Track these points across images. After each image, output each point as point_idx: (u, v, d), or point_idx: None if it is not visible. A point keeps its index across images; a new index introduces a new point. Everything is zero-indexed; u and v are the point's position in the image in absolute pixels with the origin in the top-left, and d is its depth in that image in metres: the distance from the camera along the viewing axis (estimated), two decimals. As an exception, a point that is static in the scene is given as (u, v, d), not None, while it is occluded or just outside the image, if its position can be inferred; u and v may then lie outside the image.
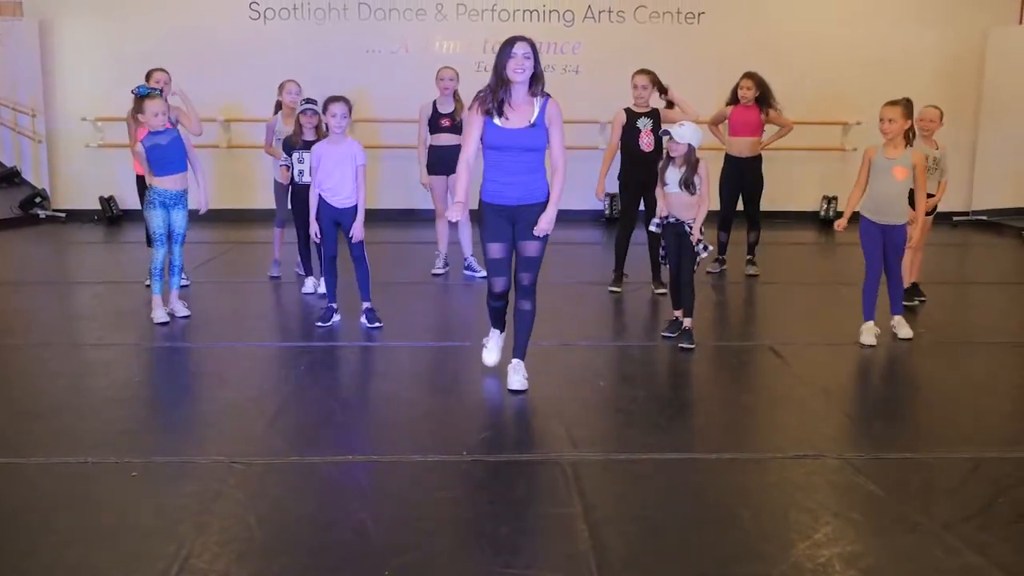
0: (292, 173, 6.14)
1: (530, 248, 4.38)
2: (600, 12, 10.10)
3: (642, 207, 6.49)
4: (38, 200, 9.91)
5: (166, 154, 5.55)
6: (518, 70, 4.13)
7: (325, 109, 5.45)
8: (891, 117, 5.10)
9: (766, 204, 10.12)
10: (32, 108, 10.11)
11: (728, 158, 7.27)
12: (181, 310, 5.71)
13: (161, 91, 5.85)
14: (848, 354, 5.23)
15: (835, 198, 10.19)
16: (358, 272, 5.57)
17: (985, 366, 5.19)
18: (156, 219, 5.59)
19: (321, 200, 5.49)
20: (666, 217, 5.32)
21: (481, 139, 4.28)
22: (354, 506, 3.27)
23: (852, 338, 5.39)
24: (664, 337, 5.38)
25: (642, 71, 6.43)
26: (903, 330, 5.37)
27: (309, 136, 6.08)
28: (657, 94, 6.45)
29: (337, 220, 5.52)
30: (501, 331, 4.75)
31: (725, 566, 2.89)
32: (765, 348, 5.30)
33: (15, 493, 3.39)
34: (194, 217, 5.77)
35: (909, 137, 5.29)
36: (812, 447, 3.83)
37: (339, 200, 5.48)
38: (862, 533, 3.09)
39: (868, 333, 5.35)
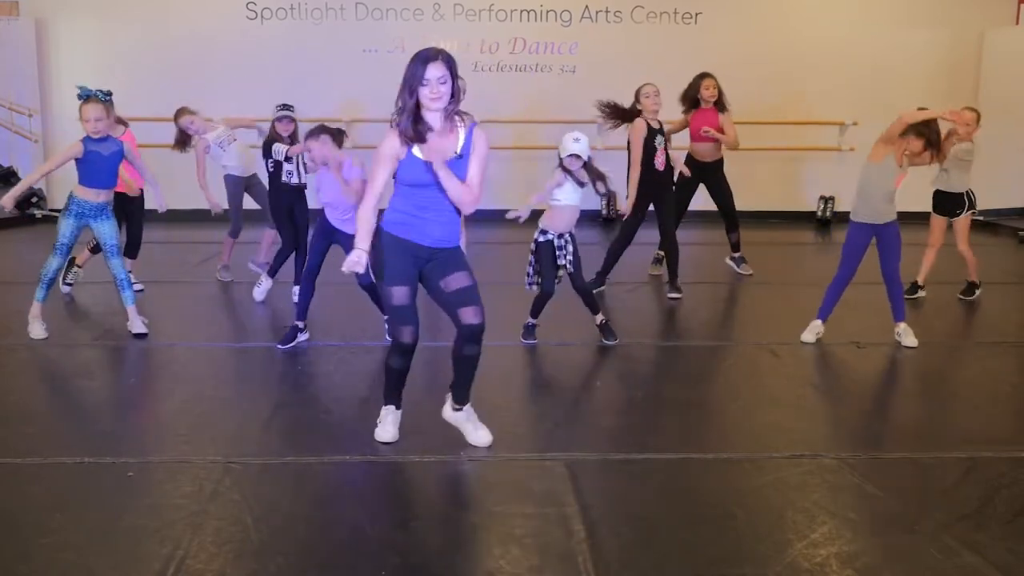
0: (282, 173, 6.10)
1: (461, 278, 3.62)
2: (597, 12, 10.12)
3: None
4: (34, 200, 9.89)
5: (101, 165, 5.23)
6: (435, 97, 3.39)
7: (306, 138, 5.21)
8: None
9: (762, 204, 10.24)
10: (29, 108, 10.10)
11: (690, 161, 7.13)
12: (138, 327, 5.37)
13: (104, 94, 5.31)
14: (845, 354, 5.23)
15: (832, 198, 10.20)
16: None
17: (980, 366, 5.19)
18: (66, 228, 5.27)
19: (321, 213, 5.30)
20: (553, 233, 5.20)
21: (394, 175, 3.57)
22: (351, 506, 3.27)
23: (849, 338, 5.40)
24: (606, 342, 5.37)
25: (649, 83, 6.36)
26: (907, 338, 5.32)
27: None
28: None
29: (331, 239, 5.28)
30: (398, 407, 3.93)
31: (721, 566, 2.89)
32: (762, 348, 5.30)
33: (10, 494, 3.38)
34: (156, 216, 5.61)
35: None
36: (808, 447, 3.84)
37: (336, 219, 5.24)
38: (859, 533, 3.09)
39: (810, 331, 5.37)
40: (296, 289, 6.21)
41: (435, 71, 3.38)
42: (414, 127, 3.45)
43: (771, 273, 7.52)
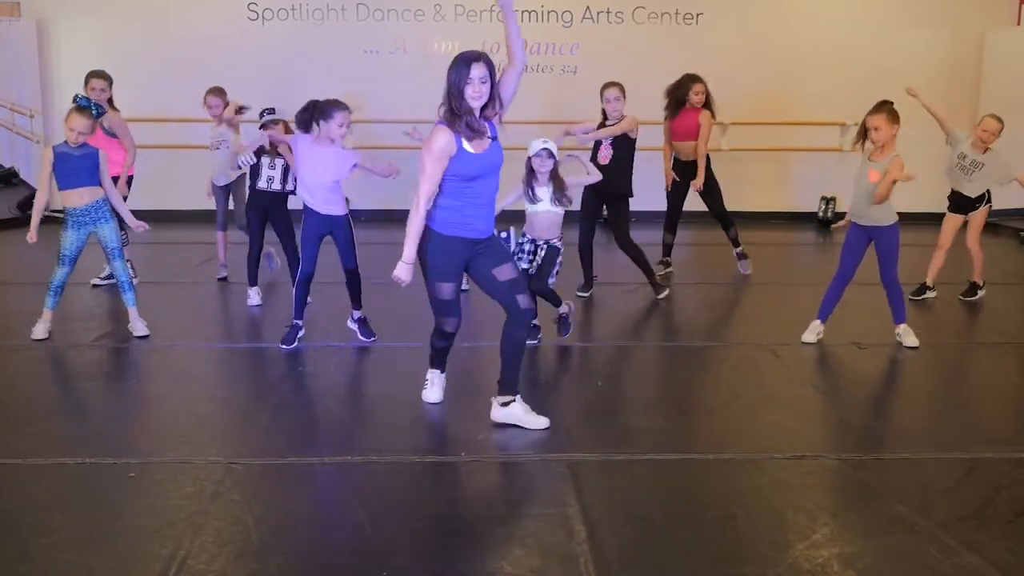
0: (259, 179, 6.06)
1: (509, 269, 3.95)
2: (598, 13, 10.11)
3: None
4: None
5: (73, 165, 5.19)
6: (475, 96, 3.66)
7: (329, 115, 5.12)
8: (876, 125, 5.07)
9: (763, 204, 10.23)
10: (30, 109, 10.10)
11: (676, 162, 7.23)
12: (140, 329, 5.37)
13: (99, 108, 5.37)
14: (846, 355, 5.23)
15: (833, 199, 10.20)
16: (351, 283, 5.34)
17: (981, 366, 5.20)
18: (65, 239, 5.27)
19: (307, 208, 5.20)
20: (528, 238, 5.17)
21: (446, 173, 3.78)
22: (351, 506, 3.27)
23: (850, 339, 5.40)
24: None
25: (612, 83, 6.31)
26: (908, 339, 5.30)
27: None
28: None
29: (324, 231, 5.22)
30: (443, 371, 4.33)
31: (722, 566, 2.89)
32: (763, 348, 5.30)
33: (11, 494, 3.39)
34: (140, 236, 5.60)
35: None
36: (810, 448, 3.84)
37: (319, 204, 5.19)
38: (860, 534, 3.09)
39: (811, 332, 5.37)
40: (253, 291, 6.22)
41: (478, 71, 3.63)
42: (472, 124, 3.70)
43: (772, 273, 7.52)
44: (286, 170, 5.98)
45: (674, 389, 4.82)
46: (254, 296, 6.24)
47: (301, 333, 5.30)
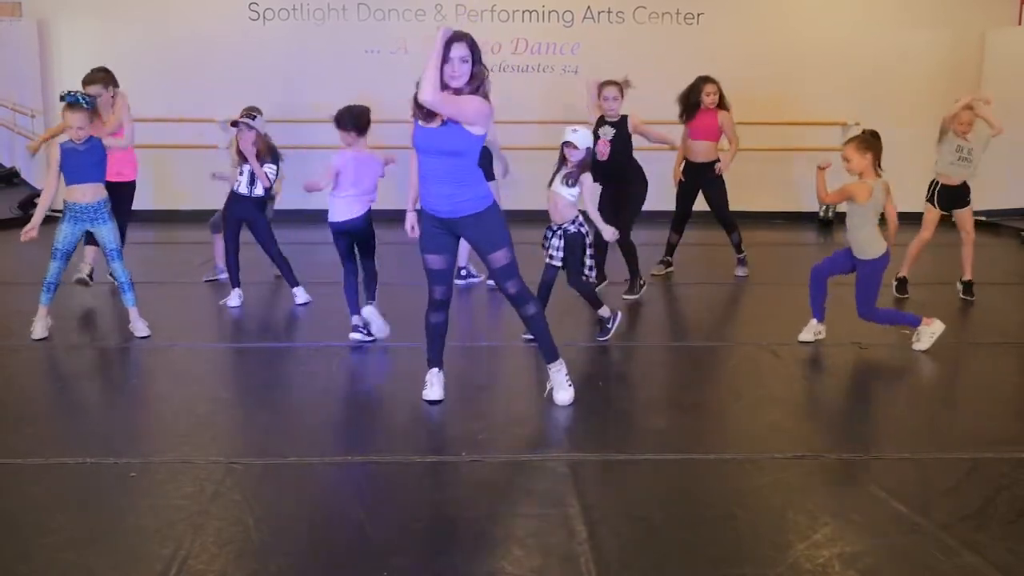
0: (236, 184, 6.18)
1: (495, 260, 4.05)
2: (599, 12, 10.11)
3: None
4: (36, 201, 9.89)
5: (79, 161, 5.19)
6: (454, 76, 3.72)
7: (368, 123, 5.35)
8: (846, 156, 5.11)
9: (765, 205, 10.22)
10: (31, 109, 10.10)
11: (687, 163, 7.25)
12: (141, 330, 5.37)
13: (90, 100, 5.31)
14: (846, 355, 5.23)
15: (834, 199, 10.19)
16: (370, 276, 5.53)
17: (982, 366, 5.19)
18: (60, 232, 5.26)
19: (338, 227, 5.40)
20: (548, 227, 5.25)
21: None
22: (352, 507, 3.27)
23: (850, 339, 5.40)
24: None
25: (611, 82, 6.32)
26: (919, 342, 5.26)
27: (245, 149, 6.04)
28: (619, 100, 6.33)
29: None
30: (439, 369, 4.30)
31: (722, 567, 2.89)
32: (763, 348, 5.30)
33: (11, 494, 3.39)
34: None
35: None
36: (810, 448, 3.83)
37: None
38: (860, 534, 3.09)
39: (808, 331, 5.38)
40: (296, 291, 6.22)
41: (458, 51, 3.70)
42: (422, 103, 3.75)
43: (772, 273, 7.51)
44: (252, 175, 6.07)
45: (674, 389, 4.82)
46: (234, 297, 6.23)
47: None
